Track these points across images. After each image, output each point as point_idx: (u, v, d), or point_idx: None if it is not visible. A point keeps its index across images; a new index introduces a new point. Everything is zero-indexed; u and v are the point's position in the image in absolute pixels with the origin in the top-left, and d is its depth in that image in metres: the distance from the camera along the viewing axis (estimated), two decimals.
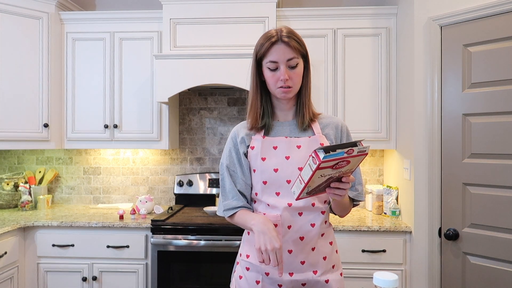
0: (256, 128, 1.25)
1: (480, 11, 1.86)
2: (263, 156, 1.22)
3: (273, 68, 1.17)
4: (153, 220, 2.27)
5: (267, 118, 1.25)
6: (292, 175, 1.19)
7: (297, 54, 1.17)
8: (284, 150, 1.21)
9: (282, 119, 1.28)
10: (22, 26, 2.48)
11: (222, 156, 1.32)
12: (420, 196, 2.13)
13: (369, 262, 2.21)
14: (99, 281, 2.31)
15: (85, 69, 2.63)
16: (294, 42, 1.16)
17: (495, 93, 1.81)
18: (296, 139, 1.23)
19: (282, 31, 1.17)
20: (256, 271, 1.22)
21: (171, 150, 2.92)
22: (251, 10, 2.47)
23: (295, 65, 1.17)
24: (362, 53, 2.50)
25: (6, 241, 2.18)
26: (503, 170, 1.79)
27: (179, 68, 2.36)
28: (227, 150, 1.31)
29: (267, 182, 1.21)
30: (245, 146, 1.27)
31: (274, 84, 1.19)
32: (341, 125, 1.29)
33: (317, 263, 1.20)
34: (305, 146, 1.21)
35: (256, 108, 1.24)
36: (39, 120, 2.54)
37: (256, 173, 1.23)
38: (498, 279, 1.81)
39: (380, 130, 2.49)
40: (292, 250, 1.19)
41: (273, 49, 1.15)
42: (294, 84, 1.19)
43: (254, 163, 1.24)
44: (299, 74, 1.20)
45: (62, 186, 2.97)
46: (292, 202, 1.19)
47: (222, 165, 1.31)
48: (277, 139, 1.23)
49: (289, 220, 1.19)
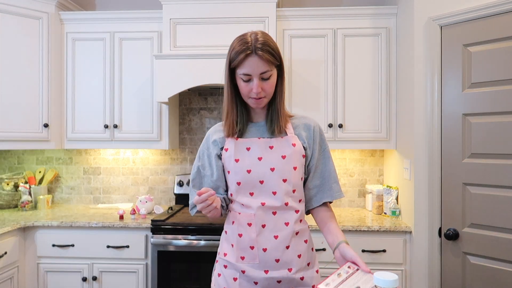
0: (232, 135, 1.28)
1: (480, 11, 1.86)
2: (236, 158, 1.24)
3: (246, 80, 1.18)
4: (153, 220, 2.27)
5: (241, 122, 1.28)
6: (265, 176, 1.22)
7: (271, 66, 1.17)
8: (257, 151, 1.24)
9: (256, 120, 1.31)
10: (22, 26, 2.48)
11: (196, 158, 1.36)
12: (420, 196, 2.13)
13: (369, 262, 2.21)
14: (99, 281, 2.31)
15: (85, 69, 2.63)
16: (268, 55, 1.15)
17: (495, 93, 1.81)
18: (269, 139, 1.26)
19: (258, 40, 1.15)
20: (233, 268, 1.25)
21: (171, 150, 2.92)
22: (251, 10, 2.47)
23: (268, 77, 1.18)
24: (362, 53, 2.50)
25: (6, 241, 2.18)
26: (503, 170, 1.79)
27: (179, 68, 2.36)
28: (200, 152, 1.34)
29: (240, 183, 1.24)
30: (219, 148, 1.30)
31: (247, 94, 1.20)
32: (314, 125, 1.31)
33: (292, 261, 1.22)
34: (277, 147, 1.24)
35: (232, 117, 1.26)
36: (39, 120, 2.54)
37: (231, 174, 1.26)
38: (498, 279, 1.81)
39: (380, 130, 2.49)
40: (267, 249, 1.21)
41: (247, 62, 1.15)
42: (267, 95, 1.20)
43: (228, 165, 1.26)
44: (272, 85, 1.21)
45: (62, 186, 2.97)
46: (266, 201, 1.22)
47: (194, 167, 1.35)
48: (250, 140, 1.26)
49: (263, 219, 1.22)
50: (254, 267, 1.22)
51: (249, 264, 1.22)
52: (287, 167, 1.22)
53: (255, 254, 1.21)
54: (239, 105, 1.27)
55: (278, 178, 1.22)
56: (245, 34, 1.19)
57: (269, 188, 1.22)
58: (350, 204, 2.84)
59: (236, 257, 1.24)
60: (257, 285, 1.22)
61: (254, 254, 1.22)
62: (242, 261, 1.23)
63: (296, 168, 1.24)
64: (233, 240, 1.26)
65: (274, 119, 1.26)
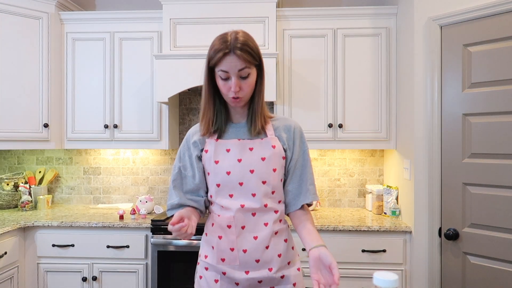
0: (208, 133, 1.27)
1: (480, 11, 1.86)
2: (216, 159, 1.24)
3: (225, 78, 1.17)
4: (153, 220, 2.27)
5: (220, 123, 1.27)
6: (244, 178, 1.22)
7: (249, 65, 1.16)
8: (236, 152, 1.24)
9: (236, 121, 1.30)
10: (22, 26, 2.48)
11: (176, 158, 1.34)
12: (420, 196, 2.13)
13: (369, 262, 2.21)
14: (99, 281, 2.31)
15: (85, 69, 2.63)
16: (246, 55, 1.15)
17: (495, 93, 1.81)
18: (249, 141, 1.25)
19: (237, 40, 1.15)
20: (214, 270, 1.25)
21: (171, 150, 2.92)
22: (251, 10, 2.47)
23: (246, 75, 1.17)
24: (362, 53, 2.50)
25: (6, 241, 2.18)
26: (503, 170, 1.79)
27: (179, 68, 2.36)
28: (181, 152, 1.33)
29: (220, 184, 1.24)
30: (199, 150, 1.29)
31: (226, 92, 1.19)
32: (294, 126, 1.31)
33: (272, 261, 1.23)
34: (257, 149, 1.24)
35: (208, 116, 1.26)
36: (39, 120, 2.54)
37: (210, 176, 1.26)
38: (498, 279, 1.81)
39: (380, 130, 2.49)
40: (247, 250, 1.22)
41: (225, 60, 1.15)
42: (244, 94, 1.20)
43: (208, 166, 1.26)
44: (250, 84, 1.20)
45: (62, 186, 2.97)
46: (245, 203, 1.22)
47: (174, 167, 1.33)
48: (229, 141, 1.26)
49: (243, 220, 1.22)
50: (234, 268, 1.22)
51: (230, 265, 1.23)
52: (266, 169, 1.23)
53: (235, 256, 1.22)
54: (217, 104, 1.27)
55: (257, 180, 1.22)
56: (225, 33, 1.18)
57: (249, 190, 1.22)
58: (350, 204, 2.84)
59: (217, 259, 1.24)
60: (238, 286, 1.23)
61: (234, 255, 1.22)
62: (223, 263, 1.23)
63: (275, 170, 1.24)
64: (213, 242, 1.26)
65: (253, 119, 1.25)
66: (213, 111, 1.26)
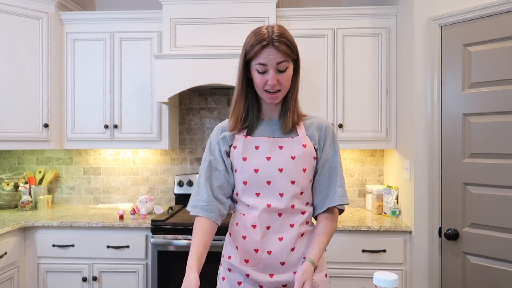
0: (237, 130, 1.24)
1: (480, 11, 1.86)
2: (244, 156, 1.21)
3: (262, 71, 1.14)
4: (153, 220, 2.27)
5: (251, 119, 1.24)
6: (272, 176, 1.18)
7: (287, 58, 1.14)
8: (266, 150, 1.20)
9: (267, 118, 1.27)
10: (22, 26, 2.48)
11: (205, 153, 1.29)
12: (420, 196, 2.13)
13: (369, 262, 2.21)
14: (99, 281, 2.31)
15: (85, 69, 2.63)
16: (285, 47, 1.12)
17: (495, 93, 1.81)
18: (279, 139, 1.22)
19: (274, 33, 1.12)
20: (237, 272, 1.22)
21: (171, 150, 2.92)
22: (251, 10, 2.47)
23: (284, 69, 1.14)
24: (362, 53, 2.50)
25: (6, 241, 2.18)
26: (503, 170, 1.79)
27: (179, 68, 2.36)
28: (211, 146, 1.28)
29: (247, 182, 1.20)
30: (227, 146, 1.26)
31: (261, 87, 1.16)
32: (326, 125, 1.27)
33: (297, 264, 1.19)
34: (287, 147, 1.20)
35: (238, 111, 1.23)
36: (39, 120, 2.54)
37: (237, 173, 1.22)
38: (498, 279, 1.81)
39: (380, 130, 2.49)
40: (271, 251, 1.18)
41: (263, 53, 1.12)
42: (282, 88, 1.17)
43: (235, 163, 1.23)
44: (288, 78, 1.17)
45: (62, 186, 2.97)
46: (272, 203, 1.18)
47: (204, 161, 1.27)
48: (259, 139, 1.22)
49: (268, 221, 1.19)
50: (258, 271, 1.18)
51: (254, 267, 1.19)
52: (296, 169, 1.19)
53: (260, 257, 1.18)
54: (249, 100, 1.23)
55: (286, 179, 1.18)
56: (260, 27, 1.16)
57: (277, 190, 1.19)
58: (350, 204, 2.84)
59: (240, 260, 1.21)
60: None
61: (258, 257, 1.18)
62: (246, 264, 1.19)
63: (305, 170, 1.20)
64: (237, 242, 1.22)
65: (287, 116, 1.22)
66: (243, 107, 1.22)
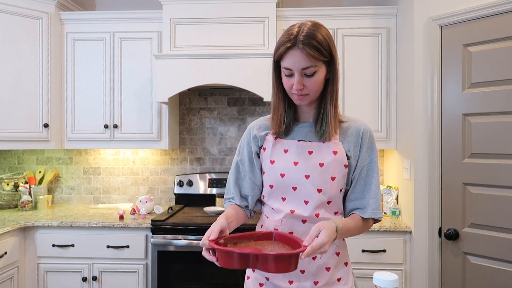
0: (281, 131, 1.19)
1: (480, 11, 1.86)
2: (272, 159, 1.17)
3: (288, 74, 1.09)
4: (153, 220, 2.27)
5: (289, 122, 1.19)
6: (299, 183, 1.13)
7: (315, 62, 1.05)
8: (294, 154, 1.15)
9: (302, 120, 1.21)
10: (22, 26, 2.48)
11: (236, 151, 1.28)
12: (420, 196, 2.13)
13: (369, 262, 2.21)
14: (99, 281, 2.31)
15: (85, 69, 2.63)
16: (312, 50, 1.03)
17: (495, 93, 1.81)
18: (309, 143, 1.16)
19: (303, 32, 1.04)
20: (259, 273, 1.20)
21: (171, 150, 2.92)
22: (251, 10, 2.47)
23: (311, 73, 1.06)
24: (362, 53, 2.50)
25: (6, 241, 2.18)
26: (503, 170, 1.79)
27: (179, 68, 2.36)
28: (241, 146, 1.27)
29: (273, 186, 1.17)
30: (258, 147, 1.23)
31: (289, 89, 1.12)
32: (363, 130, 1.18)
33: (319, 274, 1.14)
34: (316, 153, 1.14)
35: (279, 113, 1.17)
36: (39, 120, 2.54)
37: (265, 175, 1.20)
38: (498, 279, 1.81)
39: (380, 130, 2.49)
40: None
41: (288, 55, 1.05)
42: (310, 92, 1.10)
43: (264, 165, 1.20)
44: (317, 82, 1.08)
45: (62, 186, 2.97)
46: (295, 209, 1.14)
47: (234, 161, 1.28)
48: (289, 142, 1.17)
49: (290, 226, 1.15)
50: (278, 277, 1.15)
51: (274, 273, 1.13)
52: (323, 177, 1.12)
53: None
54: (287, 100, 1.17)
55: (312, 187, 1.12)
56: (293, 25, 1.09)
57: (302, 197, 1.13)
58: None
59: None
60: None
61: None
62: None
63: (334, 179, 1.12)
64: None
65: (324, 121, 1.14)
66: (283, 108, 1.17)
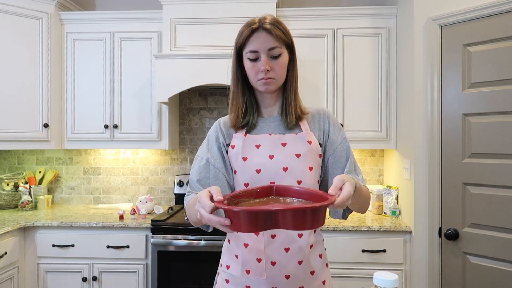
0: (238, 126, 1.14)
1: (480, 11, 1.86)
2: (244, 156, 1.09)
3: (253, 58, 1.06)
4: (153, 220, 2.27)
5: (250, 115, 1.15)
6: (276, 176, 1.06)
7: (281, 44, 1.06)
8: (268, 148, 1.09)
9: (267, 115, 1.17)
10: (22, 26, 2.48)
11: (200, 149, 1.17)
12: (420, 196, 2.13)
13: (369, 262, 2.21)
14: (99, 281, 2.31)
15: (85, 69, 2.63)
16: (277, 30, 1.04)
17: (495, 93, 1.81)
18: (281, 136, 1.11)
19: (266, 18, 1.06)
20: (237, 283, 1.09)
21: (171, 150, 2.92)
22: (251, 10, 2.47)
23: (277, 55, 1.06)
24: (362, 53, 2.50)
25: (6, 241, 2.18)
26: (503, 170, 1.79)
27: (179, 68, 2.36)
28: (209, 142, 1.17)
29: (248, 184, 1.08)
30: (225, 145, 1.16)
31: (254, 76, 1.08)
32: (322, 113, 1.18)
33: (304, 279, 1.06)
34: (291, 144, 1.09)
35: (237, 105, 1.14)
36: (39, 120, 2.54)
37: (237, 174, 1.10)
38: (498, 279, 1.81)
39: (380, 130, 2.49)
40: (276, 262, 1.05)
41: (253, 37, 1.05)
42: (276, 76, 1.08)
43: (234, 164, 1.11)
44: (283, 65, 1.08)
45: (62, 186, 2.97)
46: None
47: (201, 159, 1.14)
48: (260, 136, 1.12)
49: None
50: (260, 283, 1.06)
51: (255, 279, 1.06)
52: (302, 167, 1.07)
53: (262, 268, 1.05)
54: (247, 95, 1.15)
55: (291, 179, 1.06)
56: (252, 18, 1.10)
57: None
58: None
59: (241, 270, 1.08)
60: None
61: (261, 267, 1.05)
62: (248, 275, 1.07)
63: (312, 169, 1.09)
64: (237, 250, 1.10)
65: (288, 109, 1.12)
66: (242, 101, 1.14)
